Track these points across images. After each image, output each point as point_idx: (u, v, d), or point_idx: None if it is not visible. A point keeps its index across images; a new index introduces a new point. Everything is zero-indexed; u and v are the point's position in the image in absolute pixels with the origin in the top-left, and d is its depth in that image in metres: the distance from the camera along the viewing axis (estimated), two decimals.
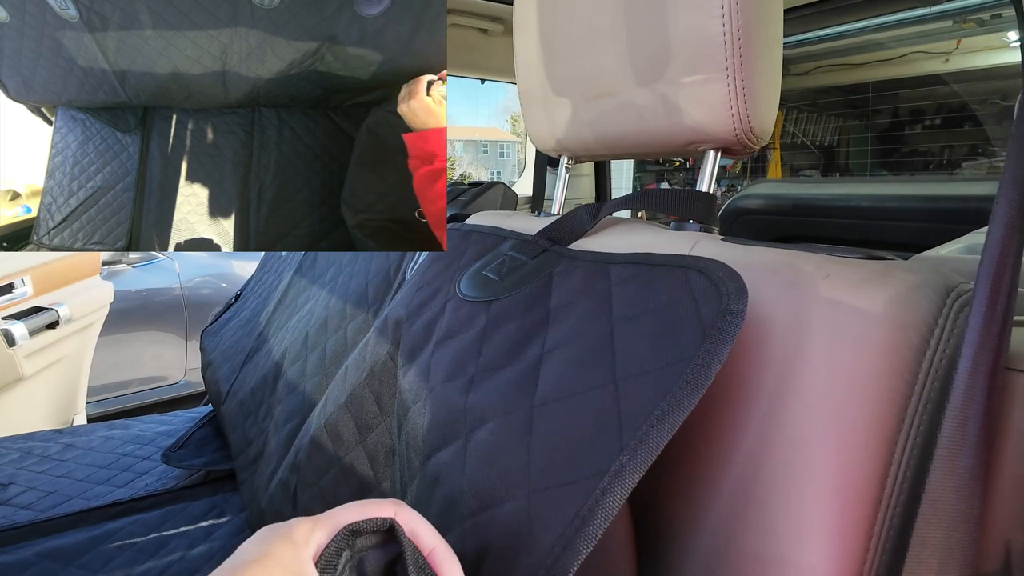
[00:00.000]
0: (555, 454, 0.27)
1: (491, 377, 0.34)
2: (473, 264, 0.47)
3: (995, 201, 0.25)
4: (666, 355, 0.27)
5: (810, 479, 0.26)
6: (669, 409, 0.25)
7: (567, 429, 0.28)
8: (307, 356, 0.65)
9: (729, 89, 0.36)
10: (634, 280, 0.33)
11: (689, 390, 0.25)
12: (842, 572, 0.25)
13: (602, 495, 0.24)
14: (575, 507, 0.24)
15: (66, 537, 0.67)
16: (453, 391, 0.35)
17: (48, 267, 1.24)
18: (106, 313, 1.43)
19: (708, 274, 0.29)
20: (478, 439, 0.31)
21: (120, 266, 2.05)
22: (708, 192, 0.42)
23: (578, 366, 0.30)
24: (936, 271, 0.29)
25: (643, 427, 0.25)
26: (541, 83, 0.49)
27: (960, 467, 0.24)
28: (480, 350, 0.36)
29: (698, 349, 0.26)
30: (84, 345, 1.38)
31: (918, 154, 3.80)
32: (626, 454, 0.24)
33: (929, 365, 0.27)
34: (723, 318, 0.26)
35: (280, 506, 0.51)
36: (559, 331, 0.33)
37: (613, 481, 0.24)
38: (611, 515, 0.24)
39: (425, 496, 0.33)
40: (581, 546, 0.23)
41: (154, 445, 0.89)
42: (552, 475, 0.27)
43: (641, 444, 0.24)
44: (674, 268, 0.31)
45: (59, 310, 1.23)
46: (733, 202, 1.69)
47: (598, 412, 0.27)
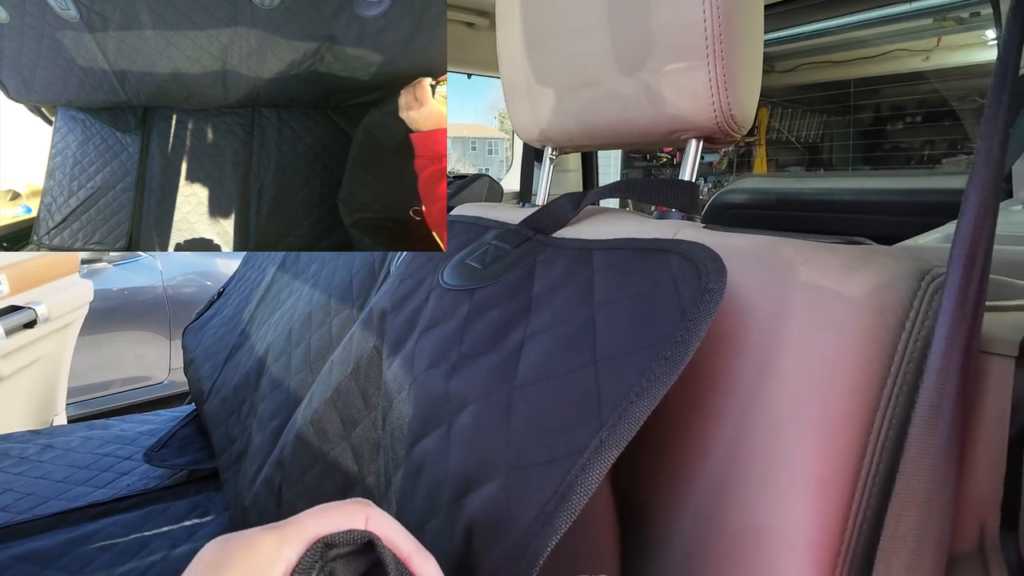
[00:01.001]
0: (534, 434, 0.27)
1: (473, 363, 0.34)
2: (457, 254, 0.46)
3: (968, 182, 0.26)
4: (646, 335, 0.27)
5: (789, 461, 0.26)
6: (648, 385, 0.25)
7: (547, 409, 0.28)
8: (291, 352, 0.64)
9: (710, 77, 0.36)
10: (616, 266, 0.33)
11: (668, 367, 0.25)
12: (821, 549, 0.25)
13: (581, 471, 0.24)
14: (554, 485, 0.24)
15: (44, 539, 0.66)
16: (435, 378, 0.35)
17: (25, 265, 1.21)
18: (86, 312, 1.41)
19: (688, 256, 0.29)
20: (461, 423, 0.31)
21: (100, 264, 2.02)
22: (690, 181, 0.42)
23: (559, 349, 0.30)
24: (913, 256, 0.30)
25: (623, 404, 0.25)
26: (525, 74, 0.49)
27: (934, 446, 0.24)
28: (462, 338, 0.36)
29: (677, 327, 0.26)
30: (63, 345, 1.36)
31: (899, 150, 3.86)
32: (605, 431, 0.24)
33: (905, 347, 0.27)
34: (702, 296, 0.26)
35: (264, 504, 0.51)
36: (541, 317, 0.33)
37: (592, 457, 0.24)
38: (590, 491, 0.24)
39: (410, 485, 0.33)
40: (560, 522, 0.23)
41: (136, 445, 0.88)
42: (530, 455, 0.27)
43: (620, 420, 0.24)
44: (655, 252, 0.32)
45: (37, 309, 1.20)
46: (719, 197, 1.70)
47: (578, 392, 0.27)
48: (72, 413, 1.49)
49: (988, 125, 0.26)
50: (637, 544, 0.31)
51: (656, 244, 0.32)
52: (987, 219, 0.25)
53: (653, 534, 0.30)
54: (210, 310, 1.04)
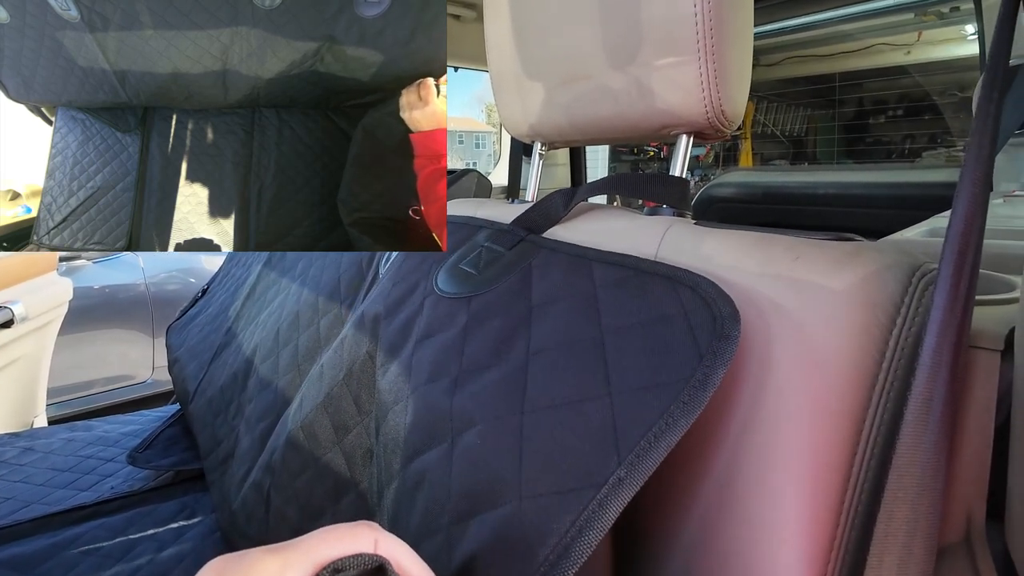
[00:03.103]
0: (548, 462, 0.27)
1: (476, 378, 0.33)
2: (449, 257, 0.46)
3: (960, 179, 0.26)
4: (662, 373, 0.27)
5: (785, 458, 0.26)
6: (666, 428, 0.25)
7: (561, 438, 0.28)
8: (279, 352, 0.63)
9: (701, 72, 0.36)
10: (622, 286, 0.33)
11: (686, 411, 0.25)
12: (814, 543, 0.25)
13: (599, 507, 0.24)
14: (571, 516, 0.25)
15: (25, 544, 0.64)
16: (437, 392, 0.35)
17: (0, 264, 1.18)
18: (65, 311, 1.37)
19: (699, 291, 0.30)
20: (466, 442, 0.31)
21: (80, 262, 1.97)
22: (681, 177, 0.42)
23: (568, 372, 0.30)
24: (903, 251, 0.30)
25: (641, 443, 0.25)
26: (513, 67, 0.48)
27: (925, 442, 0.24)
28: (463, 349, 0.36)
29: (695, 371, 0.26)
30: (42, 344, 1.32)
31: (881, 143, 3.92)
32: (624, 468, 0.25)
33: (896, 343, 0.27)
34: (719, 342, 0.27)
35: (253, 508, 0.50)
36: (543, 330, 0.33)
37: (610, 494, 0.24)
38: (607, 527, 0.24)
39: (406, 499, 0.33)
40: (577, 555, 0.23)
41: (119, 446, 0.86)
42: (545, 483, 0.27)
43: (639, 460, 0.25)
44: (662, 279, 0.32)
45: (13, 308, 1.17)
46: (706, 190, 1.71)
47: (593, 423, 0.27)
48: (53, 414, 1.46)
49: (979, 122, 0.26)
50: (636, 555, 0.31)
51: (659, 269, 0.32)
52: (977, 216, 0.25)
53: (653, 548, 0.30)
54: (194, 308, 1.03)
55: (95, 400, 1.94)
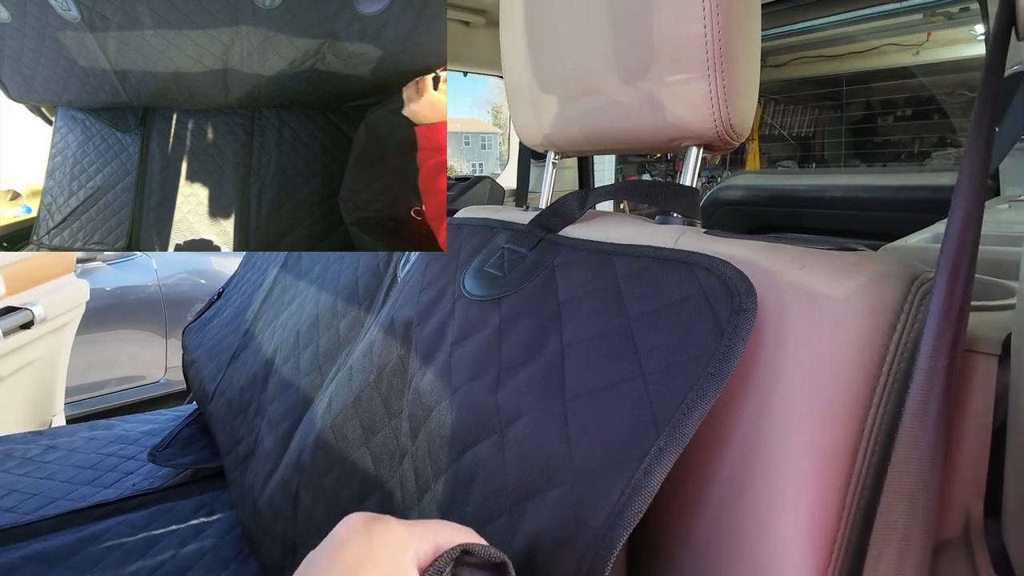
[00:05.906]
0: (594, 442, 0.30)
1: (517, 374, 0.36)
2: (472, 260, 0.48)
3: (955, 192, 0.27)
4: (688, 350, 0.29)
5: (792, 457, 0.28)
6: (697, 398, 0.27)
7: (603, 420, 0.30)
8: (300, 354, 0.65)
9: (710, 88, 0.37)
10: (642, 275, 0.35)
11: (714, 381, 0.27)
12: (818, 537, 0.27)
13: (644, 475, 0.26)
14: (621, 486, 0.27)
15: (52, 539, 0.66)
16: (480, 390, 0.37)
17: (21, 266, 1.21)
18: (82, 312, 1.40)
19: (717, 273, 0.32)
20: (515, 433, 0.33)
21: (95, 263, 2.00)
22: (691, 187, 0.43)
23: (601, 359, 0.32)
24: (902, 261, 0.31)
25: (676, 415, 0.27)
26: (528, 80, 0.50)
27: (923, 441, 0.26)
28: (500, 348, 0.38)
29: (719, 344, 0.28)
30: (60, 345, 1.35)
31: (890, 144, 3.89)
32: (663, 439, 0.27)
33: (895, 348, 0.29)
34: (738, 316, 0.29)
35: (280, 506, 0.52)
36: (573, 325, 0.35)
37: (653, 463, 0.26)
38: (653, 493, 0.26)
39: (461, 490, 0.35)
40: (629, 520, 0.26)
41: (139, 445, 0.88)
42: (594, 461, 0.29)
43: (676, 430, 0.27)
44: (679, 264, 0.34)
45: (34, 310, 1.20)
46: (713, 193, 1.72)
47: (631, 403, 0.29)
48: (69, 413, 1.49)
49: (974, 136, 0.27)
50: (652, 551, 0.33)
51: (675, 255, 0.34)
52: (971, 227, 0.26)
53: (668, 547, 0.32)
54: (210, 311, 1.05)
55: (108, 400, 1.97)
